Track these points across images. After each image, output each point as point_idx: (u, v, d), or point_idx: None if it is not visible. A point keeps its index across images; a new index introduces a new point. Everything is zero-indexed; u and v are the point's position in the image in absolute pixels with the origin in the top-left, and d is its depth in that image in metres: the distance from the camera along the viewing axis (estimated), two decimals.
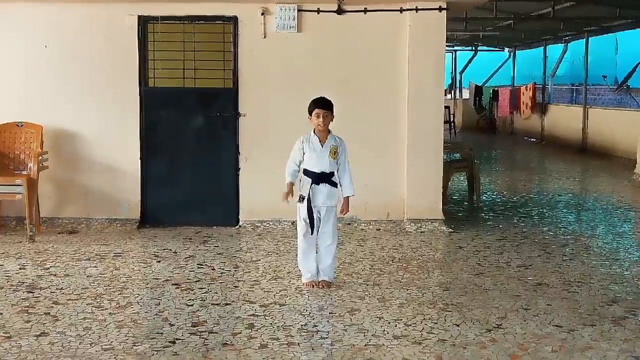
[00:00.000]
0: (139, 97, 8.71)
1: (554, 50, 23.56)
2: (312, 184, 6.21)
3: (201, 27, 8.72)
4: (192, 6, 8.60)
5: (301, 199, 6.25)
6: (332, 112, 6.25)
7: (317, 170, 6.20)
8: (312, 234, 6.22)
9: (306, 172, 6.24)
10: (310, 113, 6.23)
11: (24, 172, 8.31)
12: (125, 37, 8.64)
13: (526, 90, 22.72)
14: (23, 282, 6.32)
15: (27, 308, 5.60)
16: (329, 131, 6.28)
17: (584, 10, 15.78)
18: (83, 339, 4.93)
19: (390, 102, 8.76)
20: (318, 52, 8.75)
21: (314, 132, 6.26)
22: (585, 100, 19.53)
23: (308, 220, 6.20)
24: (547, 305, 5.78)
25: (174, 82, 8.74)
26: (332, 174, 6.24)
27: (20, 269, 6.79)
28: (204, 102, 8.76)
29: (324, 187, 6.22)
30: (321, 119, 6.16)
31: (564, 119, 20.68)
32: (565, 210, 10.42)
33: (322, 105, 6.21)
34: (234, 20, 8.66)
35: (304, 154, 6.24)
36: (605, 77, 26.07)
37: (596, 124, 18.51)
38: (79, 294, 5.98)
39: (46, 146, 8.50)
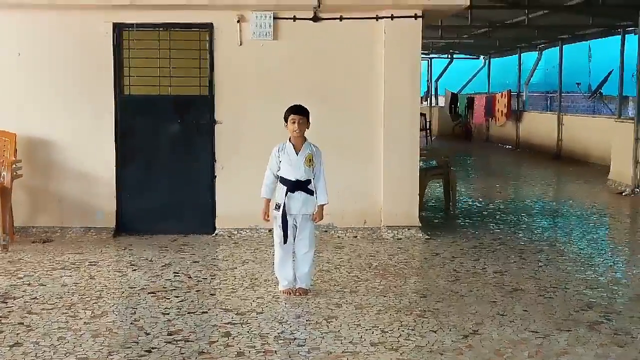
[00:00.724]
0: (114, 104, 8.65)
1: (529, 58, 23.77)
2: (287, 192, 6.20)
3: (177, 34, 8.69)
4: (167, 13, 8.57)
5: (277, 207, 6.24)
6: (308, 119, 6.26)
7: (292, 178, 6.20)
8: (285, 242, 6.20)
9: (282, 180, 6.23)
10: (285, 120, 6.23)
11: None
12: (100, 45, 8.59)
13: (501, 97, 22.87)
14: None
15: (0, 318, 5.53)
16: (305, 139, 6.27)
17: (558, 18, 15.93)
18: (57, 349, 4.88)
19: (366, 109, 8.78)
20: (294, 60, 8.75)
21: (290, 140, 6.24)
22: (559, 108, 19.71)
23: (282, 229, 6.18)
24: (523, 310, 5.81)
25: (149, 90, 8.69)
26: (308, 181, 6.23)
27: None
28: (180, 109, 8.72)
29: (299, 195, 6.22)
30: (296, 125, 6.15)
31: (538, 126, 20.85)
32: (540, 216, 10.48)
33: (297, 111, 6.21)
34: (209, 27, 8.64)
35: (280, 162, 6.22)
36: (579, 84, 26.32)
37: (570, 131, 18.69)
38: (54, 304, 5.92)
39: (20, 154, 8.41)
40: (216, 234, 8.70)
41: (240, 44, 8.64)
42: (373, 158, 8.79)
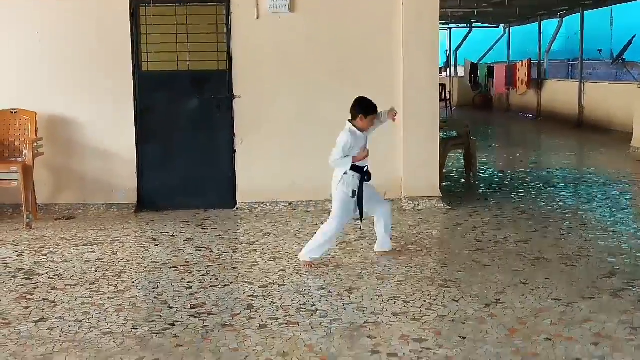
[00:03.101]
0: (132, 81, 8.67)
1: (549, 25, 23.47)
2: (361, 180, 6.26)
3: (193, 9, 8.65)
4: None
5: (353, 194, 6.24)
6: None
7: (364, 165, 6.31)
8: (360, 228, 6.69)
9: (354, 168, 6.23)
10: (366, 115, 6.33)
11: (19, 159, 8.28)
12: (117, 22, 8.58)
13: (522, 66, 22.66)
14: (21, 269, 6.32)
15: (25, 294, 5.60)
16: None
17: None
18: (82, 324, 4.94)
19: (385, 80, 8.72)
20: (312, 33, 8.70)
21: (356, 128, 6.31)
22: (581, 75, 19.48)
23: (359, 214, 6.40)
24: (546, 279, 5.79)
25: (167, 66, 8.68)
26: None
27: (17, 255, 6.79)
28: (198, 85, 8.72)
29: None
30: (372, 122, 6.39)
31: (560, 94, 20.64)
32: (562, 185, 10.41)
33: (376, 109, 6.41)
34: (226, 1, 8.60)
35: (351, 148, 6.25)
36: (600, 51, 25.98)
37: (592, 99, 18.48)
38: (78, 280, 5.98)
39: (41, 133, 8.47)
40: (237, 208, 8.73)
41: (258, 18, 8.60)
42: (393, 129, 8.72)
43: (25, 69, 8.66)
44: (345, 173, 6.21)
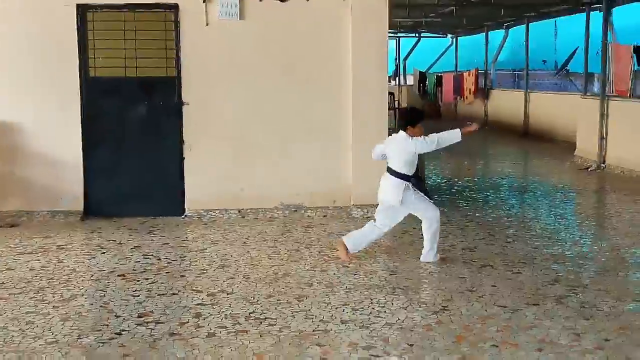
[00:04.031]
0: (79, 87, 8.55)
1: (496, 36, 23.83)
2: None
3: (142, 15, 8.58)
4: None
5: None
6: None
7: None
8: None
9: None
10: (419, 122, 6.78)
11: None
12: (64, 26, 8.46)
13: (469, 75, 22.96)
14: None
15: None
16: None
17: None
18: (26, 333, 4.85)
19: (334, 88, 8.77)
20: (261, 40, 8.70)
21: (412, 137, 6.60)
22: (526, 85, 19.82)
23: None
24: (492, 286, 5.88)
25: (115, 72, 8.59)
26: None
27: None
28: (147, 91, 8.65)
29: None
30: None
31: (506, 103, 20.98)
32: (508, 193, 10.59)
33: None
34: (175, 8, 8.55)
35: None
36: (545, 61, 26.47)
37: (537, 108, 18.83)
38: (22, 288, 5.86)
39: None
40: (185, 216, 8.67)
41: (207, 25, 8.57)
42: (342, 137, 8.79)
43: None
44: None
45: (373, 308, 5.35)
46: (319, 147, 8.74)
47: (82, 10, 8.47)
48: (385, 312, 5.27)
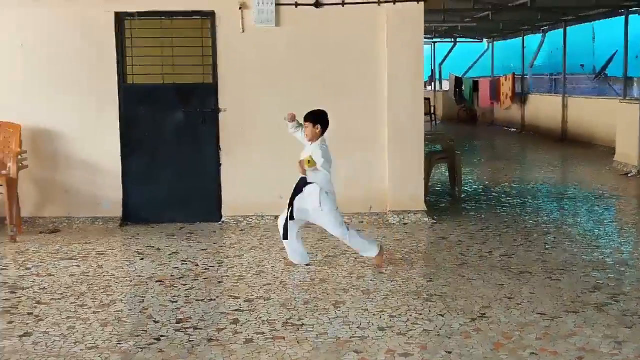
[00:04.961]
0: (117, 94, 8.65)
1: (532, 40, 23.67)
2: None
3: (179, 22, 8.67)
4: (169, 2, 8.56)
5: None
6: (314, 123, 6.53)
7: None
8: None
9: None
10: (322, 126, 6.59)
11: (3, 172, 8.22)
12: (102, 34, 8.57)
13: (505, 80, 22.82)
14: (5, 283, 6.27)
15: (9, 308, 5.56)
16: (316, 140, 6.54)
17: None
18: (67, 338, 4.91)
19: (369, 94, 8.76)
20: (296, 46, 8.73)
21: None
22: (564, 89, 19.64)
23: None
24: (531, 293, 5.82)
25: (152, 79, 8.68)
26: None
27: (1, 269, 6.74)
28: (184, 97, 8.72)
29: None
30: (305, 131, 6.57)
31: (543, 108, 20.80)
32: (546, 198, 10.48)
33: (305, 117, 6.59)
34: (211, 15, 8.62)
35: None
36: (582, 65, 26.21)
37: (575, 113, 18.63)
38: (62, 293, 5.94)
39: (25, 145, 8.43)
40: (222, 222, 8.72)
41: (243, 31, 8.61)
42: (378, 143, 8.77)
43: (9, 81, 8.64)
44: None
45: (410, 315, 5.33)
46: (355, 153, 8.73)
47: (120, 17, 8.58)
48: (422, 318, 5.24)
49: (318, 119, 6.54)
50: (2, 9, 8.56)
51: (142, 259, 7.12)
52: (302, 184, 6.50)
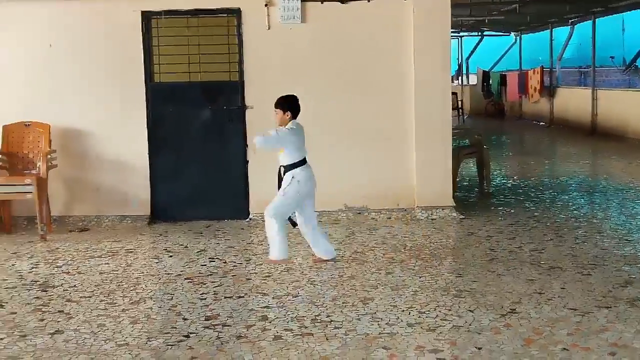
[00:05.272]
0: (145, 92, 8.70)
1: (560, 33, 23.43)
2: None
3: (205, 20, 8.70)
4: (195, 0, 8.58)
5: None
6: (283, 108, 6.56)
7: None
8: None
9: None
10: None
11: (33, 172, 8.33)
12: (129, 34, 8.63)
13: (534, 74, 22.61)
14: (36, 281, 6.34)
15: (40, 306, 5.62)
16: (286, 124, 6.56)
17: None
18: (97, 336, 4.94)
19: (396, 90, 8.72)
20: (323, 43, 8.71)
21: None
22: (593, 82, 19.40)
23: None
24: (561, 288, 5.75)
25: (179, 77, 8.72)
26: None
27: (32, 268, 6.81)
28: (210, 95, 8.74)
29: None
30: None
31: (572, 101, 20.57)
32: (576, 193, 10.36)
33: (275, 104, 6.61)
34: (237, 12, 8.63)
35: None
36: (612, 58, 25.91)
37: (605, 106, 18.39)
38: (92, 291, 5.99)
39: (54, 145, 8.52)
40: (250, 219, 8.73)
41: (269, 28, 8.62)
42: (405, 139, 8.73)
43: (37, 82, 8.72)
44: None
45: (439, 311, 5.29)
46: (382, 149, 8.70)
47: (147, 16, 8.62)
48: (452, 315, 5.21)
49: (288, 105, 6.56)
50: (31, 9, 8.62)
51: (170, 256, 7.15)
52: (282, 172, 6.59)
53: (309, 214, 6.65)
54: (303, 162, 6.54)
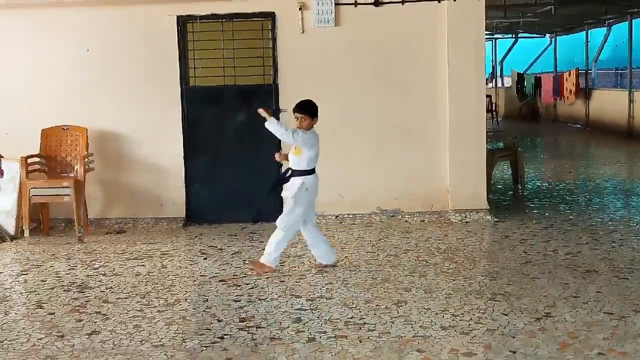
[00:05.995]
0: (180, 96, 8.79)
1: (596, 34, 23.18)
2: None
3: (239, 24, 8.76)
4: (230, 4, 8.65)
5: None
6: (311, 115, 6.66)
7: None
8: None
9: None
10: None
11: (71, 175, 8.45)
12: (165, 38, 8.72)
13: (569, 76, 22.40)
14: (73, 283, 6.43)
15: (78, 307, 5.70)
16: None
17: None
18: (134, 337, 5.00)
19: (430, 92, 8.71)
20: (357, 46, 8.73)
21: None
22: (630, 84, 19.14)
23: None
24: (597, 292, 5.70)
25: (214, 80, 8.79)
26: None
27: (70, 269, 6.91)
28: (245, 98, 8.79)
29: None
30: (298, 122, 6.63)
31: (608, 104, 20.32)
32: (612, 196, 10.25)
33: (299, 109, 6.67)
34: (272, 16, 8.68)
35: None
36: None
37: None
38: (128, 293, 6.06)
39: (91, 148, 8.64)
40: None
41: (303, 32, 8.66)
42: (439, 141, 8.72)
43: (75, 86, 8.85)
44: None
45: (473, 314, 5.28)
46: (415, 152, 8.70)
47: (182, 21, 8.71)
48: (486, 318, 5.19)
49: (315, 111, 6.64)
50: (69, 14, 8.75)
51: (205, 259, 7.21)
52: (288, 175, 6.61)
53: (309, 216, 6.66)
54: (314, 171, 6.62)
